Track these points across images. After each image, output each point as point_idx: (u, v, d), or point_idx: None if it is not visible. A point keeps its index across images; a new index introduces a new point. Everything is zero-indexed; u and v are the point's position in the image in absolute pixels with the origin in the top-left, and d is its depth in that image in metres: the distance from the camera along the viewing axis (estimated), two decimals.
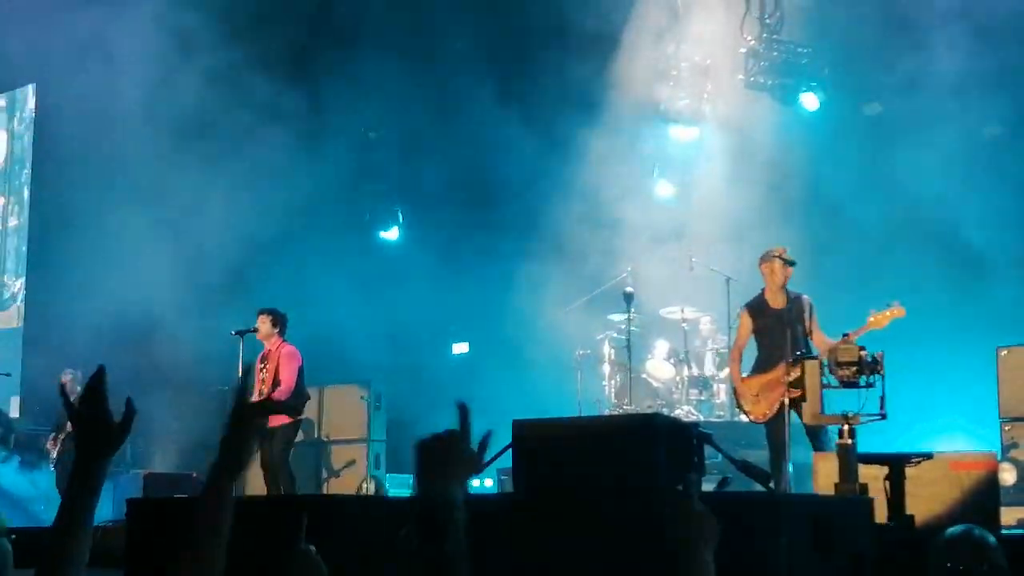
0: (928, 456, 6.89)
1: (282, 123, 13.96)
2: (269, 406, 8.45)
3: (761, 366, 9.01)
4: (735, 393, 9.25)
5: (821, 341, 8.78)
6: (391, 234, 16.03)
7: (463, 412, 2.34)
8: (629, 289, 11.55)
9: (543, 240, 13.43)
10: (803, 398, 8.65)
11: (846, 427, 6.96)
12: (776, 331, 8.97)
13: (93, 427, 2.44)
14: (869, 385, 7.43)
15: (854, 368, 7.39)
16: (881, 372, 7.41)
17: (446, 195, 15.14)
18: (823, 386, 7.59)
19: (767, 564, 4.76)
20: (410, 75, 14.69)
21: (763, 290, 9.20)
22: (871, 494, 6.49)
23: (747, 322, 9.13)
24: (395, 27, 14.69)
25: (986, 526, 4.24)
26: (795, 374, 8.72)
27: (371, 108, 15.56)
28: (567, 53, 13.23)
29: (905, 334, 8.63)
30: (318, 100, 14.66)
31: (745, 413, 9.12)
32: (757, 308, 9.14)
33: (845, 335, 7.82)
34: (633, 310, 12.57)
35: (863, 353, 7.41)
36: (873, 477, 6.80)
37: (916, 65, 11.74)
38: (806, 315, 8.95)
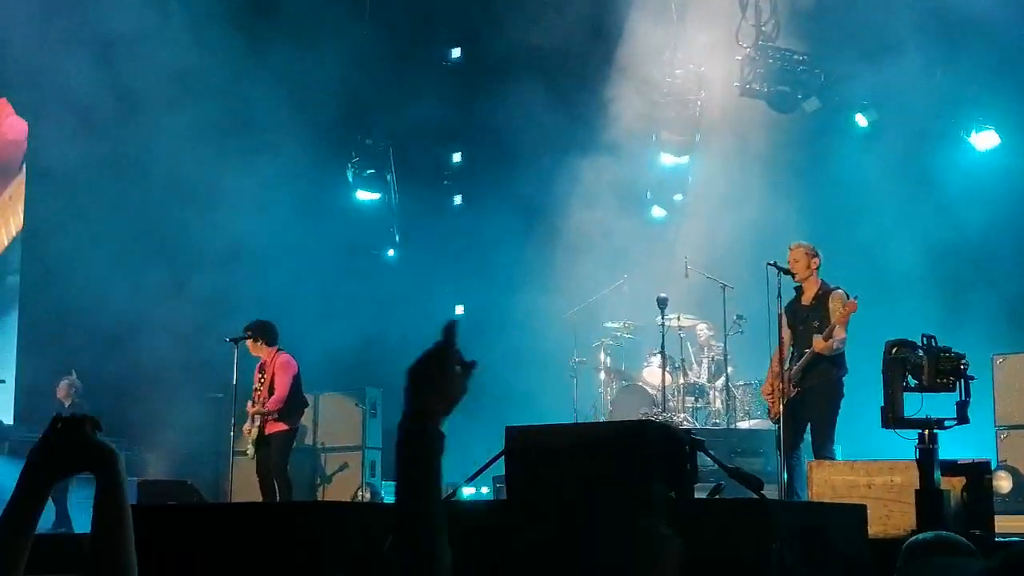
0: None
1: (281, 130, 13.95)
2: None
3: (789, 363, 9.02)
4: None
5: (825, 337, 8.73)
6: (389, 252, 16.04)
7: (450, 330, 2.25)
8: (663, 294, 11.47)
9: (540, 248, 13.44)
10: (804, 397, 8.70)
11: (927, 432, 6.57)
12: (798, 329, 9.00)
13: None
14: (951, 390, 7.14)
15: (952, 378, 7.08)
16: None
17: (440, 208, 15.14)
18: (905, 388, 7.23)
19: (758, 571, 4.75)
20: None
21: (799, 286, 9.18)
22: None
23: (785, 318, 9.13)
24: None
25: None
26: (799, 369, 8.77)
27: (367, 119, 15.58)
28: (560, 63, 13.24)
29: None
30: (311, 105, 14.63)
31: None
32: (790, 305, 9.13)
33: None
34: (628, 320, 12.58)
35: (964, 363, 7.13)
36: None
37: (911, 71, 11.77)
38: (827, 310, 8.87)
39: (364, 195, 15.64)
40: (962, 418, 6.74)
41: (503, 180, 14.13)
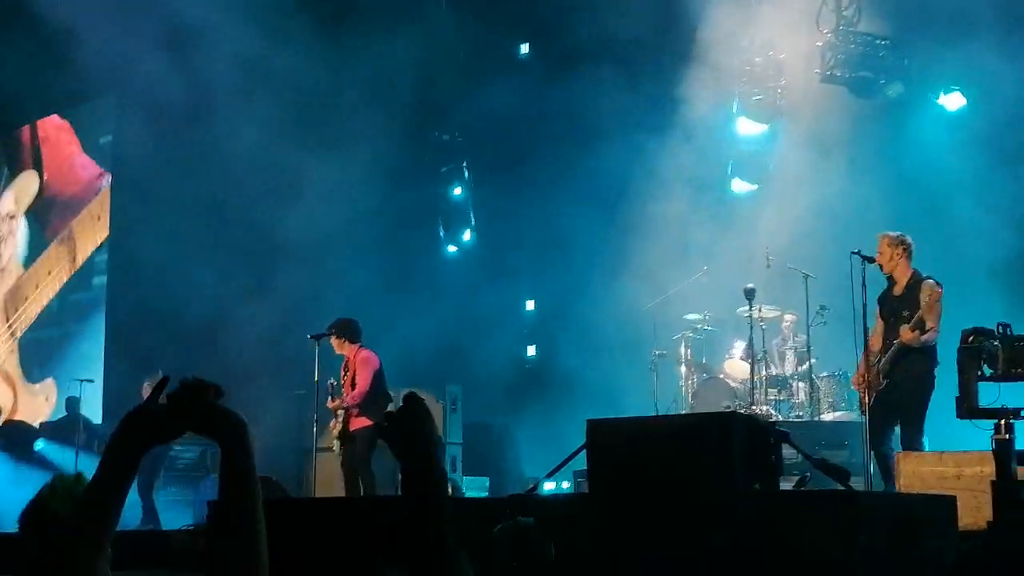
0: None
1: (362, 139, 14.02)
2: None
3: (881, 354, 8.86)
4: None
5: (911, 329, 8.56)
6: (464, 236, 16.05)
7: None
8: (750, 285, 11.34)
9: (617, 241, 13.35)
10: (893, 389, 8.51)
11: (1003, 422, 6.30)
12: (889, 321, 8.85)
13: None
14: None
15: None
16: None
17: (515, 201, 15.10)
18: (980, 378, 7.03)
19: (846, 562, 4.66)
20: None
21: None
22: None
23: (877, 311, 8.97)
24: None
25: None
26: (887, 362, 8.59)
27: (449, 112, 15.64)
28: (642, 50, 13.13)
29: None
30: (387, 102, 14.70)
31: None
32: (882, 295, 9.00)
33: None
34: (708, 311, 12.45)
35: None
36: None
37: (999, 52, 11.48)
38: (917, 300, 8.69)
39: (441, 190, 15.74)
40: None
41: (578, 171, 14.06)
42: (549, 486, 9.31)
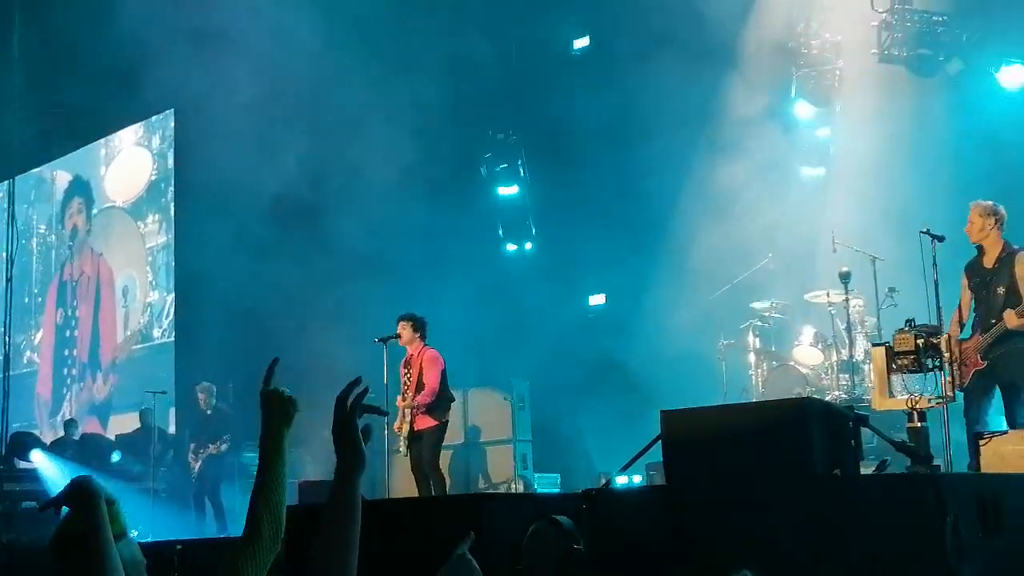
0: None
1: (417, 141, 14.07)
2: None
3: (971, 331, 8.66)
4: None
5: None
6: (526, 245, 16.06)
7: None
8: (845, 268, 11.13)
9: (679, 232, 13.27)
10: (992, 369, 8.33)
11: None
12: (981, 293, 8.63)
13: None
14: None
15: None
16: None
17: (574, 197, 15.06)
18: None
19: (933, 543, 4.60)
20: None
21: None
22: None
23: (964, 280, 8.77)
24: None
25: None
26: (986, 343, 8.42)
27: (503, 113, 15.64)
28: (698, 40, 13.03)
29: None
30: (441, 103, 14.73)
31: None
32: (970, 264, 8.79)
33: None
34: (775, 299, 12.34)
35: None
36: None
37: None
38: (1012, 275, 8.45)
39: (501, 190, 15.77)
40: None
41: (635, 164, 13.99)
42: (622, 480, 9.27)
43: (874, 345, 8.27)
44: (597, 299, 15.53)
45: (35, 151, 17.83)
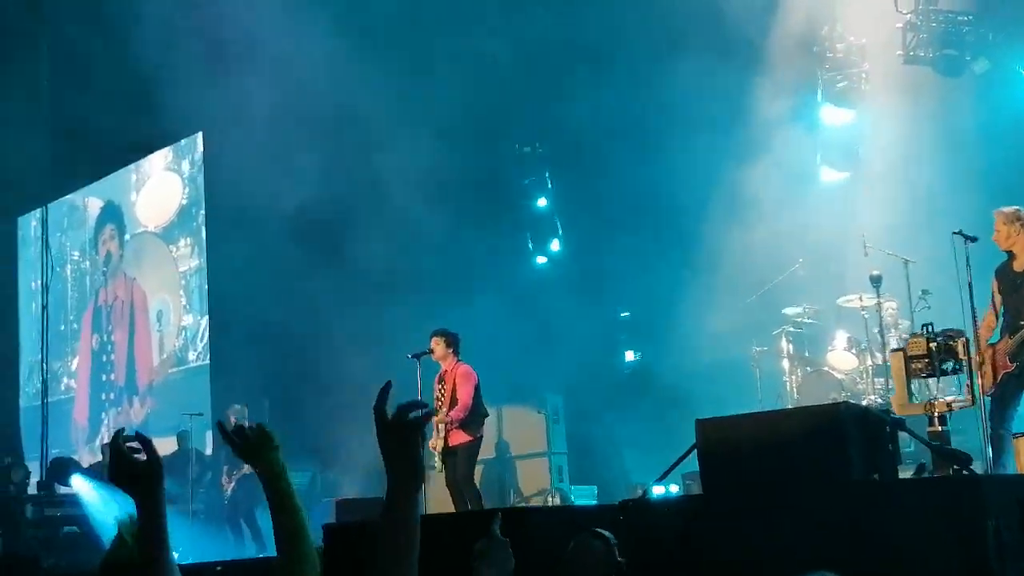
0: None
1: (443, 157, 14.11)
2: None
3: (1000, 334, 8.62)
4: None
5: None
6: (552, 246, 16.05)
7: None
8: (876, 271, 11.06)
9: (708, 238, 13.23)
10: (1020, 372, 8.27)
11: None
12: (1010, 297, 8.61)
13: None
14: None
15: None
16: None
17: (602, 207, 15.05)
18: None
19: (974, 547, 4.56)
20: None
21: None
22: None
23: (993, 284, 8.75)
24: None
25: None
26: (1014, 346, 8.36)
27: (528, 122, 15.66)
28: (721, 45, 13.01)
29: None
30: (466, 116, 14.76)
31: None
32: (1000, 268, 8.76)
33: None
34: (807, 304, 12.28)
35: None
36: None
37: None
38: None
39: (525, 201, 15.79)
40: None
41: (662, 172, 13.93)
42: (658, 490, 9.23)
43: (892, 351, 8.22)
44: (628, 310, 15.51)
45: (65, 177, 18.00)
